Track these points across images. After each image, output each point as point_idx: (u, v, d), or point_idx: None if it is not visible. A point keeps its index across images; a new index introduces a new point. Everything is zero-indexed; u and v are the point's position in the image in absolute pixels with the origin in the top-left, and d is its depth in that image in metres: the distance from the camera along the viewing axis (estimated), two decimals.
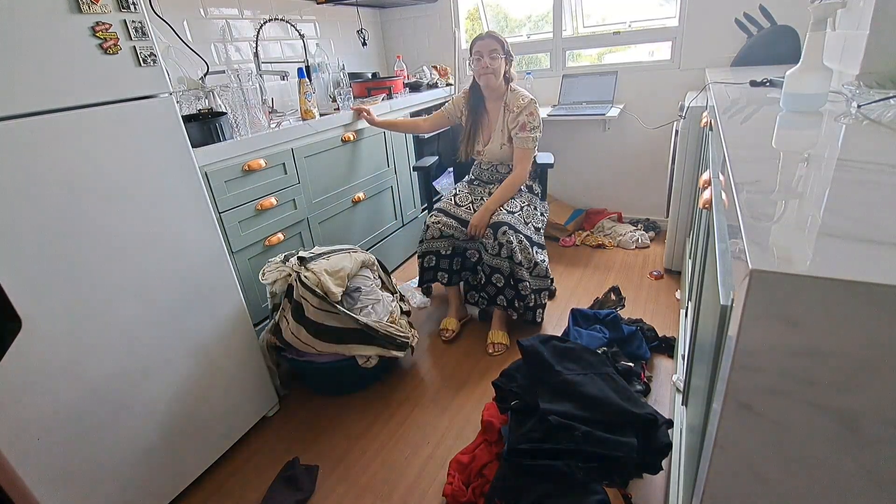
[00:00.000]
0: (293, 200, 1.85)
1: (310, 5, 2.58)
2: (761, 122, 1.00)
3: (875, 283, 0.38)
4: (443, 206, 1.96)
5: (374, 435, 1.52)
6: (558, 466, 1.10)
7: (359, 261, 1.67)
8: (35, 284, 0.98)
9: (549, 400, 1.22)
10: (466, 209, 1.95)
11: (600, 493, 1.07)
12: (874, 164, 0.66)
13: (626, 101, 2.62)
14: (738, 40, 2.21)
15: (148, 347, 1.21)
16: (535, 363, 1.34)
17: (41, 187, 0.97)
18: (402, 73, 2.83)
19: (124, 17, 1.06)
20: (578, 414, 1.17)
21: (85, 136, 1.03)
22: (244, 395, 1.50)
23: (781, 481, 0.49)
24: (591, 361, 1.34)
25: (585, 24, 2.80)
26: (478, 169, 2.12)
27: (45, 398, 1.02)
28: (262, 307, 1.77)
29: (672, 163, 2.07)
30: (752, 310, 0.43)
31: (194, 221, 1.29)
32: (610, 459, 1.10)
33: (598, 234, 2.74)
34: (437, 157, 2.28)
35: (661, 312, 1.98)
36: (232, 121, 1.64)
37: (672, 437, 1.19)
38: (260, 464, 1.45)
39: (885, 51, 1.13)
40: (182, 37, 1.89)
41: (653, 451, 1.14)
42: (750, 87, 1.42)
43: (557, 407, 1.20)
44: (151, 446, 1.24)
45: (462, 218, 1.91)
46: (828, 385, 0.43)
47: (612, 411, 1.17)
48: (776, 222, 0.51)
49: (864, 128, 0.85)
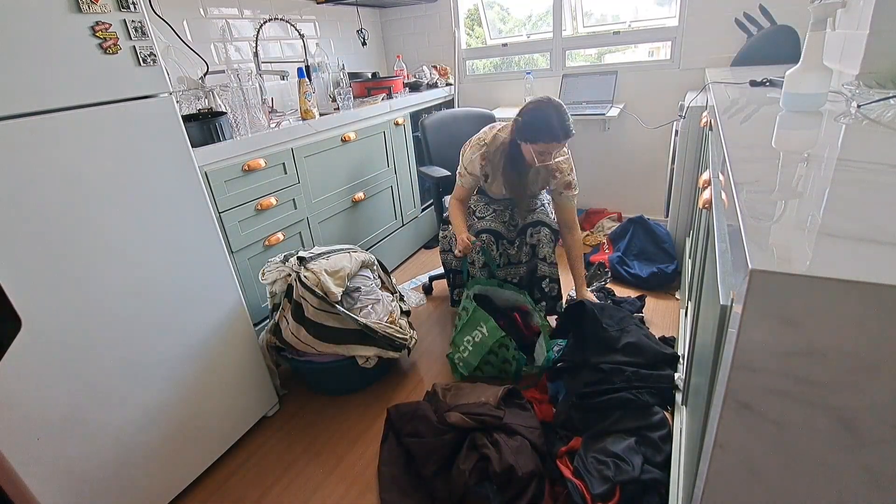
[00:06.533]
0: (293, 200, 1.85)
1: (310, 5, 2.58)
2: (761, 121, 1.00)
3: (875, 283, 0.38)
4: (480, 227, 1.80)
5: (374, 435, 1.52)
6: (625, 395, 1.35)
7: (359, 261, 1.67)
8: (35, 284, 0.98)
9: (596, 353, 1.51)
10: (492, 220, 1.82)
11: (658, 412, 1.34)
12: (874, 163, 0.66)
13: (625, 100, 2.61)
14: (738, 40, 2.21)
15: (148, 347, 1.21)
16: (589, 321, 1.59)
17: (41, 187, 0.97)
18: (401, 72, 2.83)
19: (124, 17, 1.06)
20: (623, 359, 1.48)
21: (85, 135, 1.03)
22: (244, 395, 1.50)
23: (781, 481, 0.49)
24: (622, 316, 1.66)
25: (585, 24, 2.80)
26: (486, 196, 1.92)
27: (45, 398, 1.02)
28: (261, 307, 1.77)
29: (672, 163, 2.07)
30: (752, 310, 0.43)
31: (194, 221, 1.29)
32: (656, 389, 1.39)
33: (598, 233, 2.74)
34: (448, 174, 2.07)
35: (661, 312, 1.98)
36: (232, 120, 1.64)
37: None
38: (260, 464, 1.45)
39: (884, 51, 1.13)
40: (182, 36, 1.89)
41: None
42: (750, 87, 1.42)
43: (605, 358, 1.49)
44: (151, 446, 1.24)
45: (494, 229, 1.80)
46: (828, 385, 0.43)
47: (649, 354, 1.49)
48: (776, 222, 0.51)
49: (864, 128, 0.85)
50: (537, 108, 1.49)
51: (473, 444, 1.29)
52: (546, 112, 1.48)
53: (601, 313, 1.64)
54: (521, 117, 1.54)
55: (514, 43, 2.88)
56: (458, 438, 1.32)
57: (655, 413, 1.33)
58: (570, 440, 1.33)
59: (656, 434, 1.28)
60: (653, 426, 1.30)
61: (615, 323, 1.64)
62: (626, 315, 1.69)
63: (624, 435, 1.28)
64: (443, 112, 2.26)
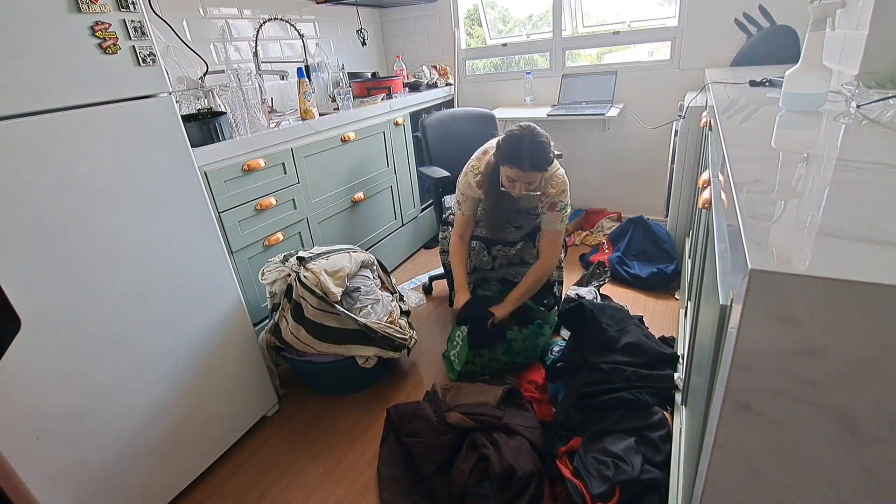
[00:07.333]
0: (293, 200, 1.85)
1: (309, 5, 2.58)
2: (761, 121, 1.00)
3: (875, 283, 0.38)
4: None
5: (373, 435, 1.52)
6: (625, 395, 1.36)
7: (358, 261, 1.67)
8: (35, 284, 0.98)
9: (596, 353, 1.51)
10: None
11: (658, 412, 1.34)
12: (873, 164, 0.66)
13: (625, 100, 2.61)
14: (738, 40, 2.21)
15: (147, 347, 1.21)
16: (588, 321, 1.59)
17: (41, 187, 0.97)
18: (401, 72, 2.83)
19: (124, 17, 1.06)
20: (623, 359, 1.48)
21: (84, 135, 1.03)
22: (244, 395, 1.50)
23: (780, 480, 0.49)
24: (621, 317, 1.68)
25: (585, 24, 2.80)
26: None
27: (45, 398, 1.02)
28: (261, 307, 1.77)
29: (671, 163, 2.07)
30: (752, 309, 0.43)
31: (194, 221, 1.29)
32: (656, 389, 1.40)
33: (598, 233, 2.74)
34: (448, 175, 2.05)
35: (661, 312, 1.98)
36: (231, 120, 1.63)
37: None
38: (260, 464, 1.45)
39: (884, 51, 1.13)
40: (181, 36, 1.89)
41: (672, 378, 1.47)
42: (749, 87, 1.42)
43: (605, 358, 1.49)
44: (151, 446, 1.24)
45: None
46: (827, 385, 0.43)
47: (649, 353, 1.50)
48: (776, 222, 0.51)
49: (864, 128, 0.85)
50: (513, 134, 1.51)
51: (473, 444, 1.29)
52: (520, 139, 1.48)
53: (601, 313, 1.63)
54: (501, 138, 1.56)
55: (513, 43, 2.88)
56: (457, 438, 1.32)
57: (655, 413, 1.34)
58: (569, 440, 1.34)
59: (656, 434, 1.28)
60: (652, 426, 1.30)
61: (615, 323, 1.65)
62: (626, 315, 1.70)
63: (624, 435, 1.28)
64: (442, 112, 2.26)
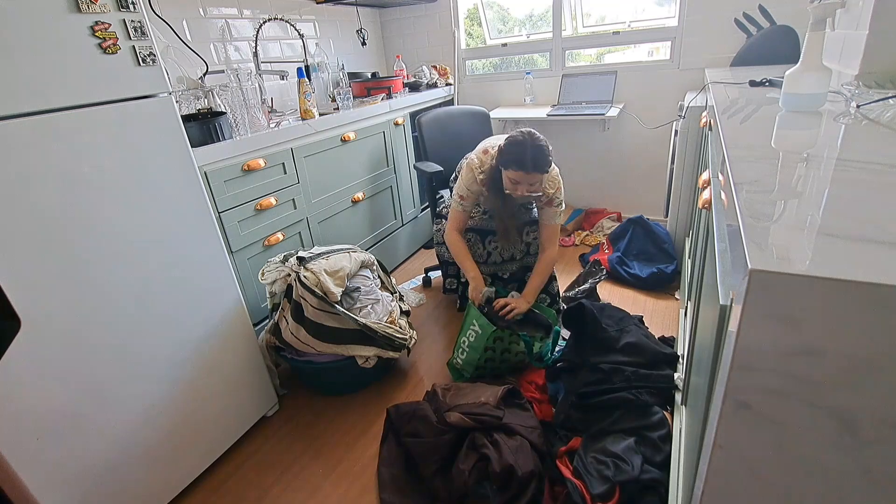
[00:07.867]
0: (293, 200, 1.85)
1: (309, 5, 2.58)
2: (761, 121, 1.00)
3: (875, 283, 0.38)
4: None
5: (373, 435, 1.52)
6: (625, 395, 1.36)
7: (358, 261, 1.67)
8: (35, 284, 0.98)
9: (595, 354, 1.51)
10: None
11: (658, 412, 1.35)
12: (873, 164, 0.66)
13: (625, 100, 2.62)
14: (738, 40, 2.21)
15: (147, 347, 1.21)
16: (589, 321, 1.59)
17: (40, 187, 0.97)
18: (401, 72, 2.83)
19: (123, 17, 1.06)
20: (623, 359, 1.48)
21: (84, 135, 1.03)
22: (243, 395, 1.50)
23: (780, 481, 0.49)
24: (621, 317, 1.68)
25: (585, 24, 2.80)
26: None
27: (45, 398, 1.02)
28: (261, 307, 1.77)
29: (671, 163, 2.07)
30: (752, 309, 0.43)
31: (194, 221, 1.29)
32: (656, 388, 1.40)
33: (598, 233, 2.74)
34: (441, 170, 2.10)
35: (661, 312, 1.98)
36: (231, 120, 1.63)
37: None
38: (259, 464, 1.45)
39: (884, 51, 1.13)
40: (181, 36, 1.89)
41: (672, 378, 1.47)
42: (749, 87, 1.42)
43: (605, 358, 1.49)
44: (151, 446, 1.24)
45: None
46: (827, 385, 0.43)
47: (649, 353, 1.50)
48: (776, 222, 0.51)
49: (863, 128, 0.85)
50: (515, 139, 1.55)
51: (473, 444, 1.29)
52: (522, 144, 1.53)
53: (601, 313, 1.63)
54: (503, 143, 1.60)
55: (513, 43, 2.88)
56: (457, 438, 1.32)
57: (655, 413, 1.34)
58: (569, 440, 1.34)
59: (656, 434, 1.28)
60: (652, 426, 1.30)
61: (615, 323, 1.65)
62: (626, 315, 1.69)
63: (623, 435, 1.28)
64: (439, 109, 2.26)
